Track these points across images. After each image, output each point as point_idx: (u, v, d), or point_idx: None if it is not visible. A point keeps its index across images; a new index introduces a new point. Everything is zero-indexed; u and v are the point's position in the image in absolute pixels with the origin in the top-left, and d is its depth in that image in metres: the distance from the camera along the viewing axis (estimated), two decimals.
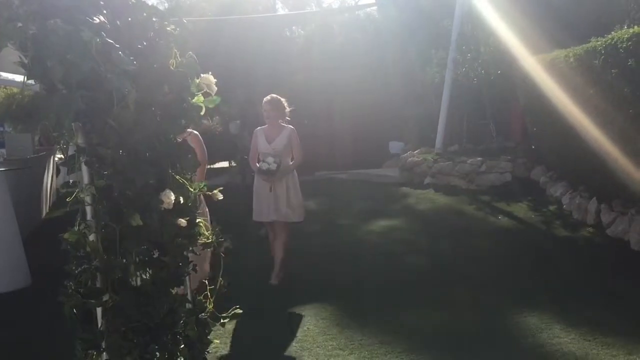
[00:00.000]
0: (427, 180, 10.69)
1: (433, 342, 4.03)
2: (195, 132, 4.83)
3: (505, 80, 10.32)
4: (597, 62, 6.08)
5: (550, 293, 4.92)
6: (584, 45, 6.60)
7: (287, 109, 5.54)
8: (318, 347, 4.01)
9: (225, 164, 17.37)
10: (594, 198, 7.04)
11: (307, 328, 4.37)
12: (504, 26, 9.87)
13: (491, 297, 4.91)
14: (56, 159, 11.53)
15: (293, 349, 3.99)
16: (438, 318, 4.48)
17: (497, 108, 11.33)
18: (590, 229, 6.82)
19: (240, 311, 2.43)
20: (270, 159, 5.21)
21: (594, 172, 6.86)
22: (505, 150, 10.64)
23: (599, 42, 6.14)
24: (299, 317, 4.60)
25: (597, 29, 7.07)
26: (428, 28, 13.21)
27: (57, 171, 11.23)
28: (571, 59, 6.82)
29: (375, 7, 17.70)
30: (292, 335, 4.25)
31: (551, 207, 8.06)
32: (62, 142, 1.96)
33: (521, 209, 8.12)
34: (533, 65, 8.33)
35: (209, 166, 15.37)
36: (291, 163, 5.46)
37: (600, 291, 4.93)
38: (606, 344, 3.85)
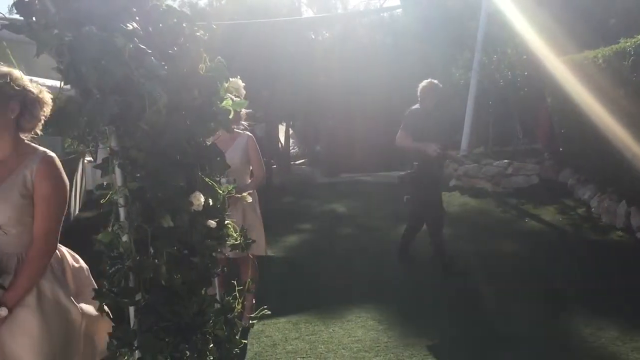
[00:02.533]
0: (453, 182, 10.63)
1: (459, 346, 4.01)
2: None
3: (532, 82, 10.23)
4: (626, 63, 5.99)
5: (579, 297, 4.86)
6: (612, 46, 6.51)
7: (244, 112, 4.32)
8: (343, 348, 4.02)
9: None
10: (624, 201, 6.92)
11: (333, 330, 4.39)
12: (531, 27, 9.78)
13: (518, 300, 4.87)
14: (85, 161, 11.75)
15: (319, 350, 4.02)
16: (465, 321, 4.45)
17: (523, 110, 11.22)
18: (620, 233, 6.71)
19: (269, 312, 2.46)
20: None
21: (623, 175, 6.75)
22: (533, 152, 10.53)
23: (628, 43, 6.05)
24: (325, 319, 4.62)
25: (627, 30, 6.97)
26: (453, 30, 13.16)
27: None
28: (600, 60, 6.73)
29: (400, 9, 17.67)
30: (317, 336, 4.27)
31: (579, 210, 7.95)
32: (92, 145, 2.00)
33: (549, 212, 8.03)
34: (561, 66, 8.23)
35: None
36: (249, 182, 4.26)
37: (630, 296, 4.85)
38: (637, 349, 3.79)
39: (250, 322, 2.39)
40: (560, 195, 8.82)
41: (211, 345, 2.13)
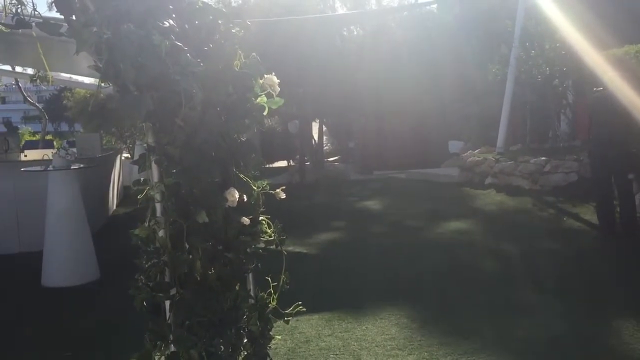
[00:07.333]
0: (489, 180, 10.48)
1: (494, 346, 3.94)
2: None
3: (570, 78, 10.00)
4: None
5: (618, 300, 4.73)
6: None
7: None
8: (377, 346, 4.00)
9: (284, 163, 17.60)
10: None
11: (366, 327, 4.37)
12: (570, 21, 9.54)
13: (557, 301, 4.76)
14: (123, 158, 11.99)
15: (352, 347, 4.00)
16: (501, 321, 4.38)
17: (562, 106, 10.98)
18: None
19: (304, 309, 2.46)
20: None
21: None
22: (572, 149, 10.29)
23: None
24: (358, 316, 4.60)
25: None
26: (489, 25, 12.96)
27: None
28: None
29: (435, 5, 17.48)
30: (350, 334, 4.26)
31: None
32: (129, 142, 2.05)
33: (588, 211, 7.84)
34: (601, 61, 8.02)
35: (268, 165, 15.59)
36: None
37: None
38: None
39: (286, 318, 2.39)
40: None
41: (245, 340, 2.15)
